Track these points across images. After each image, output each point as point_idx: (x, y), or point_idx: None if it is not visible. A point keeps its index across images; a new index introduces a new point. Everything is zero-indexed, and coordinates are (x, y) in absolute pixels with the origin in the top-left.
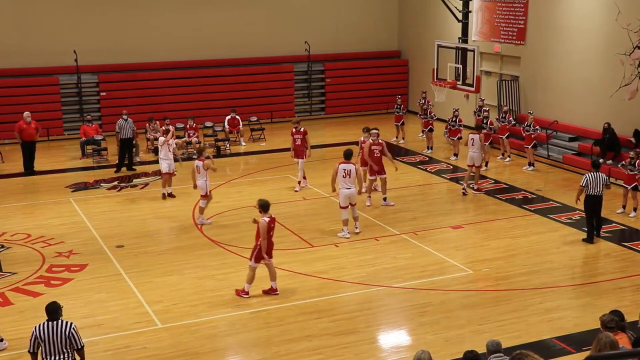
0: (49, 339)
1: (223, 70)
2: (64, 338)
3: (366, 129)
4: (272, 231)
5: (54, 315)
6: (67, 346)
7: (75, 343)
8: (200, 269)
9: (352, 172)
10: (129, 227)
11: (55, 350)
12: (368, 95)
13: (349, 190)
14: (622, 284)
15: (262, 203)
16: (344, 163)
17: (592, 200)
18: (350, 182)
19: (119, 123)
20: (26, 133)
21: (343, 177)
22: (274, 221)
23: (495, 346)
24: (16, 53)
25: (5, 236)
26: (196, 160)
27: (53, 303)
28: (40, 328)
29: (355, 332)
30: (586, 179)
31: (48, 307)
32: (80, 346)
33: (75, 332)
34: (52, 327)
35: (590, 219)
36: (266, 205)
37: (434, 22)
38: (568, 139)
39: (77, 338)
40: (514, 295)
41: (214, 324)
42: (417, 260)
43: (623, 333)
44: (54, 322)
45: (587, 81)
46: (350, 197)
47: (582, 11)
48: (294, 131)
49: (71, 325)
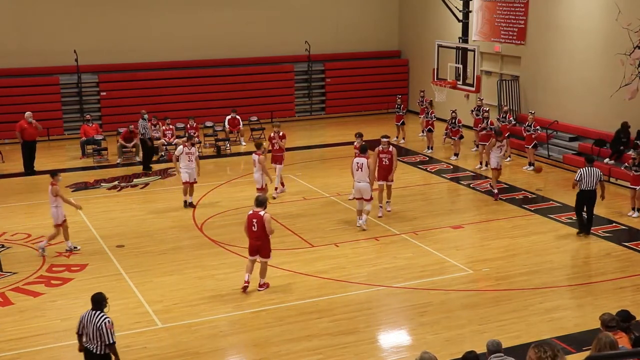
0: (86, 326)
1: (223, 70)
2: (95, 329)
3: (358, 135)
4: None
5: (95, 306)
6: (99, 337)
7: (105, 338)
8: (200, 269)
9: (364, 166)
10: (129, 227)
11: (90, 337)
12: (368, 95)
13: (359, 183)
14: (623, 284)
15: (260, 199)
16: (358, 157)
17: (585, 195)
18: (362, 176)
19: (141, 123)
20: (27, 133)
21: (356, 170)
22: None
23: (496, 346)
24: (16, 53)
25: (6, 236)
26: (253, 154)
27: (98, 294)
28: (84, 314)
29: (355, 332)
30: (580, 174)
31: (93, 297)
32: (109, 342)
33: (106, 327)
34: (90, 316)
35: (580, 213)
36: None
37: (434, 22)
38: (568, 139)
39: (107, 333)
40: (514, 295)
41: (214, 324)
42: (417, 260)
43: (623, 333)
44: (94, 312)
45: (588, 81)
46: (361, 190)
47: (583, 11)
48: (273, 135)
49: (104, 320)
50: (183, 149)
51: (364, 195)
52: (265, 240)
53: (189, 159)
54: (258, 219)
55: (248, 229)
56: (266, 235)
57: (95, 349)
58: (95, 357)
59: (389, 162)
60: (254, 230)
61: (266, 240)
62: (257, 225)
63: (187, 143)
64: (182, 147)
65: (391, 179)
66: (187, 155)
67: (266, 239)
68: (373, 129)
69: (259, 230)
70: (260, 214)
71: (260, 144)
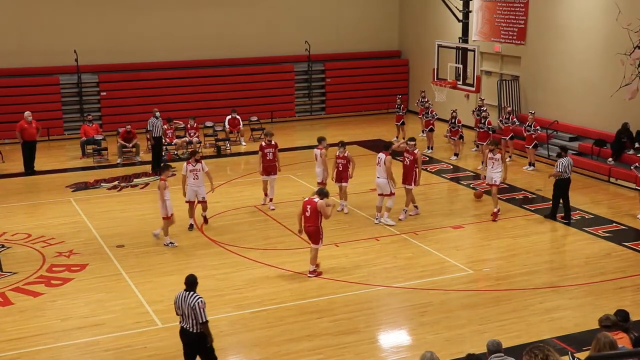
0: (181, 306)
1: (223, 70)
2: (190, 309)
3: (341, 144)
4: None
5: (189, 287)
6: (193, 316)
7: (198, 316)
8: (200, 269)
9: (381, 162)
10: (129, 227)
11: (186, 317)
12: (368, 95)
13: (378, 179)
14: (623, 284)
15: (322, 191)
16: (380, 152)
17: (565, 183)
18: (381, 172)
19: (151, 121)
20: (27, 133)
21: (377, 165)
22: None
23: (496, 346)
24: (16, 53)
25: (6, 236)
26: (315, 149)
27: (191, 276)
28: (177, 295)
29: (355, 332)
30: (563, 164)
31: (187, 278)
32: (202, 321)
33: (199, 307)
34: (184, 297)
35: (558, 200)
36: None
37: (434, 22)
38: (568, 139)
39: (200, 312)
40: (515, 295)
41: (214, 324)
42: (417, 260)
43: (624, 333)
44: (187, 293)
45: (588, 81)
46: (380, 186)
47: (583, 11)
48: (265, 145)
49: (197, 299)
50: (187, 167)
51: (383, 190)
52: (316, 226)
53: (195, 177)
54: (312, 205)
55: (302, 215)
56: (318, 222)
57: (190, 328)
58: (191, 336)
59: (410, 163)
60: (307, 215)
61: (317, 227)
62: (310, 211)
63: (191, 160)
64: (186, 164)
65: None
66: (192, 172)
67: (317, 226)
68: (373, 129)
69: (311, 215)
70: (314, 200)
71: (322, 138)
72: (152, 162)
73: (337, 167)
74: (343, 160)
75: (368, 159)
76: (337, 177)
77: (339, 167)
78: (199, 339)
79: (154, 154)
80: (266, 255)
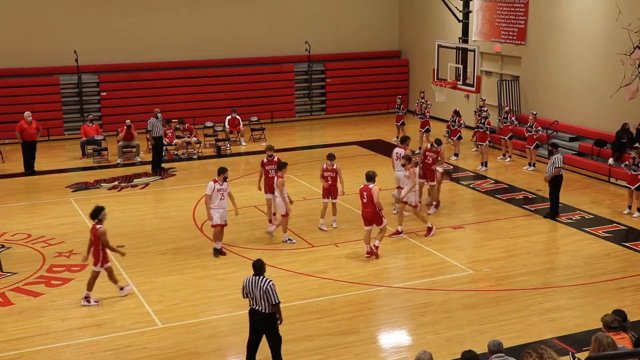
0: (252, 290)
1: (223, 70)
2: (262, 292)
3: (330, 156)
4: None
5: (258, 271)
6: (265, 299)
7: (271, 298)
8: (200, 269)
9: (399, 155)
10: (129, 227)
11: (257, 300)
12: (368, 95)
13: (398, 172)
14: (623, 284)
15: (370, 174)
16: (397, 147)
17: (560, 179)
18: (398, 165)
19: (152, 121)
20: (27, 133)
21: (395, 159)
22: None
23: (497, 346)
24: (17, 53)
25: (6, 236)
26: (397, 148)
27: (258, 260)
28: (247, 280)
29: (355, 332)
30: (560, 160)
31: (254, 263)
32: (275, 302)
33: (272, 289)
34: (254, 281)
35: (557, 198)
36: (371, 175)
37: (434, 22)
38: (568, 139)
39: (272, 294)
40: (515, 295)
41: (214, 324)
42: (417, 260)
43: (625, 333)
44: (257, 277)
45: (588, 81)
46: (398, 179)
47: (583, 11)
48: (266, 161)
49: (269, 283)
50: (214, 185)
51: (399, 183)
52: (374, 210)
53: (222, 197)
54: (367, 191)
55: (360, 202)
56: (375, 206)
57: (262, 309)
58: (263, 316)
59: (433, 161)
60: (364, 201)
61: (375, 210)
62: (367, 197)
63: (218, 178)
64: (213, 182)
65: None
66: (219, 192)
67: (375, 210)
68: (373, 129)
69: (368, 202)
70: (369, 187)
71: (406, 137)
72: (152, 162)
73: (325, 180)
74: (332, 173)
75: (368, 158)
76: (326, 193)
77: (327, 180)
78: (270, 320)
79: (154, 154)
80: (266, 256)
